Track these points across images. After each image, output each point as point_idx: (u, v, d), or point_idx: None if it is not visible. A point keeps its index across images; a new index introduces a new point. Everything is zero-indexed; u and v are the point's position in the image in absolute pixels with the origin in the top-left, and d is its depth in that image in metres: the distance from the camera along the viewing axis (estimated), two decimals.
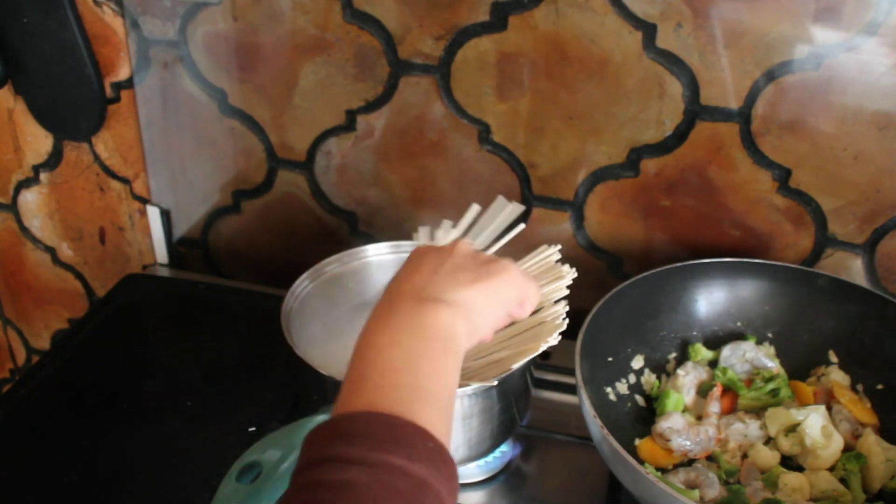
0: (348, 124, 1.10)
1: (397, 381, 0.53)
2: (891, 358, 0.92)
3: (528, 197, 1.08)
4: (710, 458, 0.89)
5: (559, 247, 0.81)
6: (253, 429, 0.94)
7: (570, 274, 0.80)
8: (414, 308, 0.58)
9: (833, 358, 0.97)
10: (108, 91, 1.18)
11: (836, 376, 0.95)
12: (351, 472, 0.47)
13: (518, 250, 1.11)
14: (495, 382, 0.78)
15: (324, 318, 0.99)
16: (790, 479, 0.84)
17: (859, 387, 0.95)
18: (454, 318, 0.58)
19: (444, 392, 0.55)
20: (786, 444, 0.88)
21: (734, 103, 0.95)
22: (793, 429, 0.88)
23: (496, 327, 0.66)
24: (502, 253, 0.81)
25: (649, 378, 0.97)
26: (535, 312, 0.84)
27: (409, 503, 0.47)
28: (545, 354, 1.05)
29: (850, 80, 0.90)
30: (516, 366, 0.80)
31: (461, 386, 0.79)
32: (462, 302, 0.60)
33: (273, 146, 1.15)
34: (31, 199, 1.33)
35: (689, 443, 0.87)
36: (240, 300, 1.18)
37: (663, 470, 0.87)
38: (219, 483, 0.70)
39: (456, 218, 1.13)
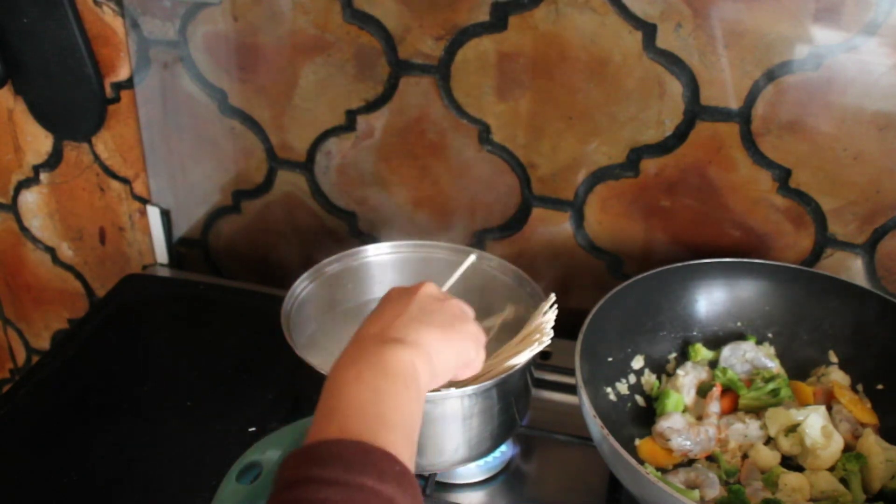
0: (348, 124, 1.10)
1: (363, 411, 0.57)
2: (891, 358, 0.92)
3: (528, 197, 1.08)
4: (710, 458, 0.89)
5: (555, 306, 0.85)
6: (253, 429, 0.94)
7: (547, 337, 0.84)
8: (377, 347, 0.63)
9: (833, 358, 0.97)
10: (108, 91, 1.18)
11: (836, 376, 0.95)
12: (326, 491, 0.51)
13: (518, 250, 1.11)
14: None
15: (324, 319, 0.99)
16: (790, 479, 0.84)
17: (859, 387, 0.95)
18: (414, 358, 0.63)
19: (407, 422, 0.59)
20: (786, 444, 0.88)
21: (734, 103, 0.95)
22: (793, 429, 0.88)
23: (452, 375, 0.71)
24: None
25: (649, 378, 0.97)
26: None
27: None
28: (545, 354, 1.05)
29: (850, 80, 0.90)
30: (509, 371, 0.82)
31: (459, 387, 0.80)
32: (423, 344, 0.65)
33: (273, 146, 1.15)
34: (31, 199, 1.33)
35: (689, 443, 0.87)
36: (240, 300, 1.18)
37: (663, 470, 0.87)
38: (219, 483, 0.70)
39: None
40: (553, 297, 0.86)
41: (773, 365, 0.96)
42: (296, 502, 0.50)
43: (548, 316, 0.85)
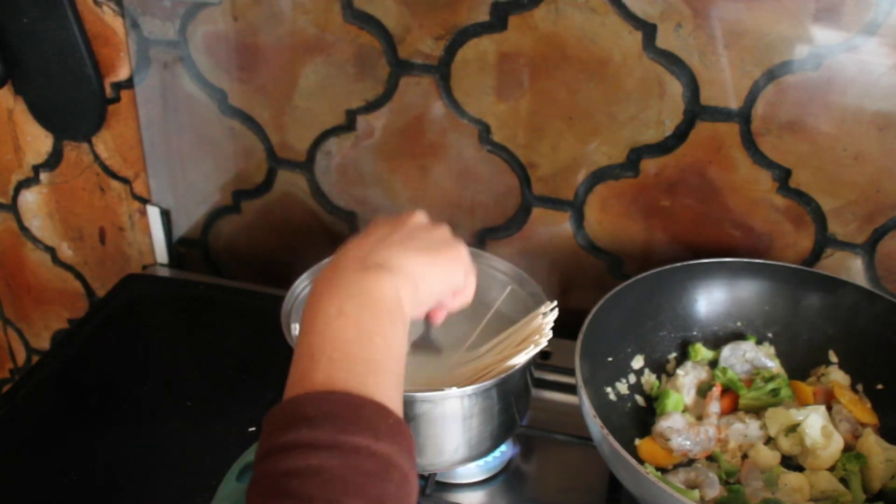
0: (348, 124, 1.10)
1: (350, 353, 0.53)
2: (891, 358, 0.92)
3: (528, 197, 1.08)
4: (710, 458, 0.89)
5: (555, 310, 0.85)
6: (253, 429, 0.94)
7: (545, 338, 0.84)
8: (359, 275, 0.59)
9: (833, 358, 0.97)
10: (108, 91, 1.18)
11: (836, 376, 0.95)
12: (318, 456, 0.47)
13: (518, 250, 1.11)
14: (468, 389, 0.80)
15: None
16: (790, 479, 0.84)
17: (859, 387, 0.95)
18: (398, 287, 0.59)
19: (395, 364, 0.55)
20: (786, 444, 0.88)
21: (734, 103, 0.95)
22: (793, 429, 0.88)
23: (437, 302, 0.67)
24: None
25: (649, 378, 0.97)
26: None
27: (377, 482, 0.47)
28: (545, 354, 1.05)
29: (850, 80, 0.90)
30: (504, 373, 0.82)
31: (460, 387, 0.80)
32: (407, 270, 0.60)
33: (273, 146, 1.15)
34: (31, 199, 1.33)
35: (689, 443, 0.87)
36: (240, 300, 1.18)
37: (663, 470, 0.87)
38: (219, 483, 0.70)
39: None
40: (555, 302, 0.86)
41: (773, 365, 0.96)
42: (285, 472, 0.47)
43: (548, 318, 0.85)
